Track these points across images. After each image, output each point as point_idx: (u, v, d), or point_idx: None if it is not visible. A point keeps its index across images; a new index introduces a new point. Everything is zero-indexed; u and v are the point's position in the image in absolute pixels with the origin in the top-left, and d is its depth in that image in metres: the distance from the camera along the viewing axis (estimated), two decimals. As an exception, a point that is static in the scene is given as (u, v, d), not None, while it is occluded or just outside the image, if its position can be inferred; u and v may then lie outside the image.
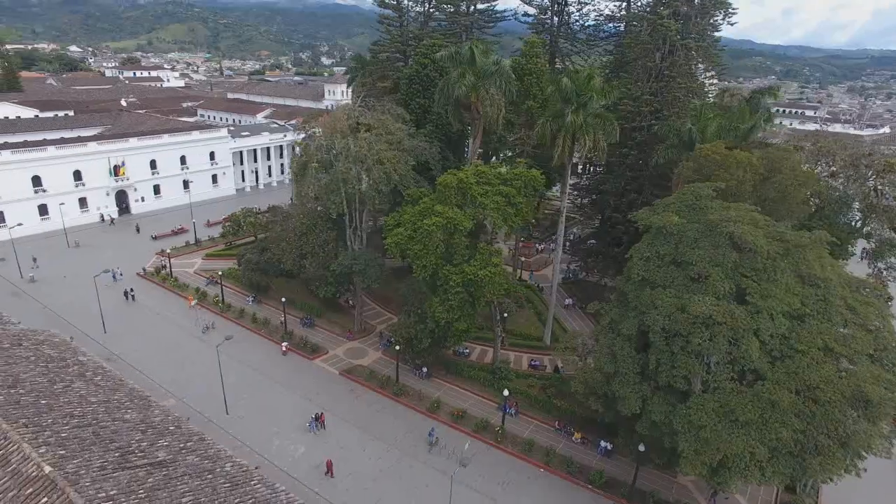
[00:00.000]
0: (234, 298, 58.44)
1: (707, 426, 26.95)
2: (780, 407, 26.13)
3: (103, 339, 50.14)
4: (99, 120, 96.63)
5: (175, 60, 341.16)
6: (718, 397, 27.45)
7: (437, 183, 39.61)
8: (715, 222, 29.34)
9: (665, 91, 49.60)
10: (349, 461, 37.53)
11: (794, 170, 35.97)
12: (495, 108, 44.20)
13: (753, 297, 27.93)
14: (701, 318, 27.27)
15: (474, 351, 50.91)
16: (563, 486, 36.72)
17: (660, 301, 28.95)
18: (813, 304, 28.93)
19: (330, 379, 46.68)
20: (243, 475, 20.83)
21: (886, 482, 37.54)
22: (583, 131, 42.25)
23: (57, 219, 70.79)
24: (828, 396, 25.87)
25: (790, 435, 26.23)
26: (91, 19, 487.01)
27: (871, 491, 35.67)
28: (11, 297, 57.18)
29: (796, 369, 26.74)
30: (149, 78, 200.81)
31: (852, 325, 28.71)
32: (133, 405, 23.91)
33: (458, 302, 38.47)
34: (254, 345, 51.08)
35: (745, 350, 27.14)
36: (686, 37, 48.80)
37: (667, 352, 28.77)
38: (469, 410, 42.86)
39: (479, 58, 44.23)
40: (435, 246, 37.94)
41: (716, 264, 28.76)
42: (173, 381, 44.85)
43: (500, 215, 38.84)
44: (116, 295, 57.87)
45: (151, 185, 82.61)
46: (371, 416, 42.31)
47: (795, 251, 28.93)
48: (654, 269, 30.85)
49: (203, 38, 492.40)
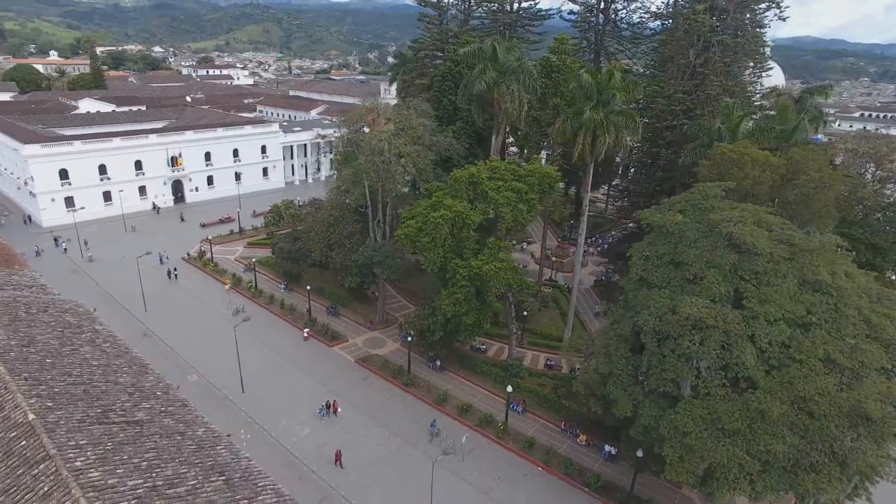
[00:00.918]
0: (267, 285, 61.16)
1: (692, 433, 25.97)
2: (769, 418, 24.82)
3: (143, 316, 53.86)
4: (165, 115, 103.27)
5: (248, 60, 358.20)
6: (707, 404, 26.38)
7: (450, 177, 40.01)
8: (715, 222, 28.17)
9: (699, 89, 47.71)
10: (351, 446, 38.60)
11: (819, 171, 33.78)
12: (516, 105, 44.06)
13: (750, 302, 26.63)
14: (691, 321, 26.29)
15: (492, 348, 50.88)
16: (559, 487, 36.26)
17: (652, 301, 28.14)
18: (822, 313, 27.20)
19: (345, 366, 48.07)
20: (212, 440, 22.13)
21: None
22: (603, 129, 41.42)
23: (119, 204, 76.48)
24: (823, 410, 24.33)
25: (781, 448, 24.85)
26: (176, 22, 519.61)
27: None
28: (72, 274, 62.45)
29: (791, 379, 25.30)
30: (220, 76, 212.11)
31: (863, 338, 26.78)
32: (129, 371, 25.85)
33: (465, 296, 38.75)
34: (279, 330, 53.35)
35: (737, 356, 25.95)
36: (723, 33, 46.70)
37: (658, 354, 27.92)
38: (476, 405, 43.00)
39: (502, 54, 44.22)
40: (443, 239, 38.43)
41: (712, 265, 27.61)
42: (200, 359, 47.55)
43: (511, 211, 38.75)
44: (162, 276, 62.00)
45: (205, 176, 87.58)
46: (379, 404, 43.28)
47: (801, 256, 27.30)
48: (653, 268, 29.98)
49: (276, 38, 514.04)
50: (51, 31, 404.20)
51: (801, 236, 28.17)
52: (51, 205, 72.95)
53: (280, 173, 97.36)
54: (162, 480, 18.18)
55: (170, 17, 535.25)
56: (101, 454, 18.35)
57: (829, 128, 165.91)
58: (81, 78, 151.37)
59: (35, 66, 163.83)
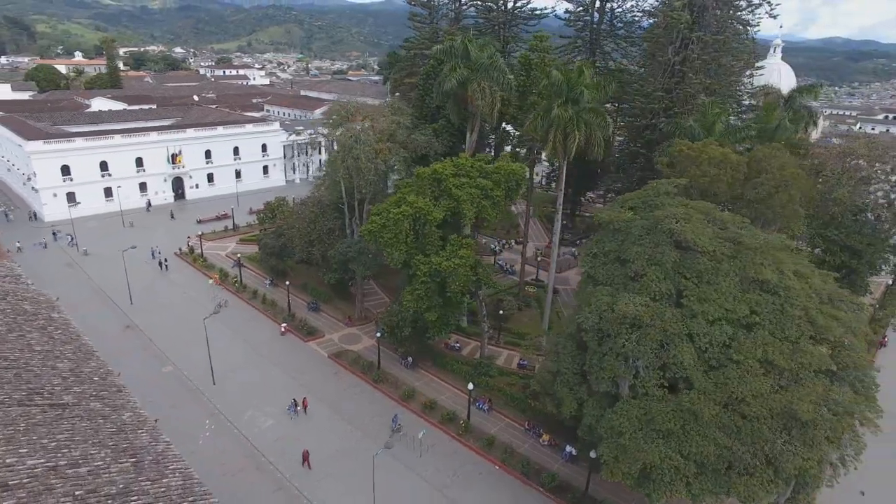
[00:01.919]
0: (253, 281, 62.00)
1: (626, 433, 25.63)
2: (701, 419, 24.38)
3: (128, 309, 55.08)
4: (171, 113, 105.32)
5: (268, 60, 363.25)
6: (644, 404, 26.01)
7: (414, 174, 40.13)
8: (658, 219, 27.76)
9: (678, 87, 47.04)
10: (310, 437, 38.95)
11: (781, 169, 33.02)
12: (487, 102, 43.96)
13: (689, 300, 26.19)
14: (629, 319, 25.98)
15: (468, 346, 50.79)
16: (514, 486, 36.04)
17: (594, 299, 27.86)
18: (767, 313, 26.62)
19: (318, 361, 48.47)
20: (136, 424, 22.58)
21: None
22: (573, 126, 41.14)
23: (122, 200, 78.32)
24: (754, 412, 23.82)
25: (712, 450, 24.39)
26: (201, 23, 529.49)
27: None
28: (66, 267, 64.21)
29: (726, 380, 24.81)
30: (236, 76, 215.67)
31: (807, 339, 26.11)
32: (73, 357, 26.51)
33: (425, 292, 38.79)
34: (259, 324, 54.05)
35: (674, 356, 25.55)
36: (703, 30, 45.96)
37: (598, 353, 27.64)
38: (442, 402, 42.97)
39: (474, 52, 44.18)
40: (405, 235, 38.52)
41: (654, 263, 27.21)
42: (177, 351, 48.38)
43: (474, 207, 38.70)
44: (152, 271, 63.32)
45: (206, 174, 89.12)
46: (346, 399, 43.56)
47: (745, 254, 26.75)
48: (600, 265, 29.68)
49: (298, 39, 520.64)
50: (80, 32, 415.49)
51: (747, 234, 27.60)
52: (52, 200, 75.01)
53: (280, 171, 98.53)
54: (66, 461, 18.63)
55: (194, 18, 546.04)
56: (11, 434, 18.88)
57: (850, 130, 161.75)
58: (99, 78, 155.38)
59: (56, 67, 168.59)
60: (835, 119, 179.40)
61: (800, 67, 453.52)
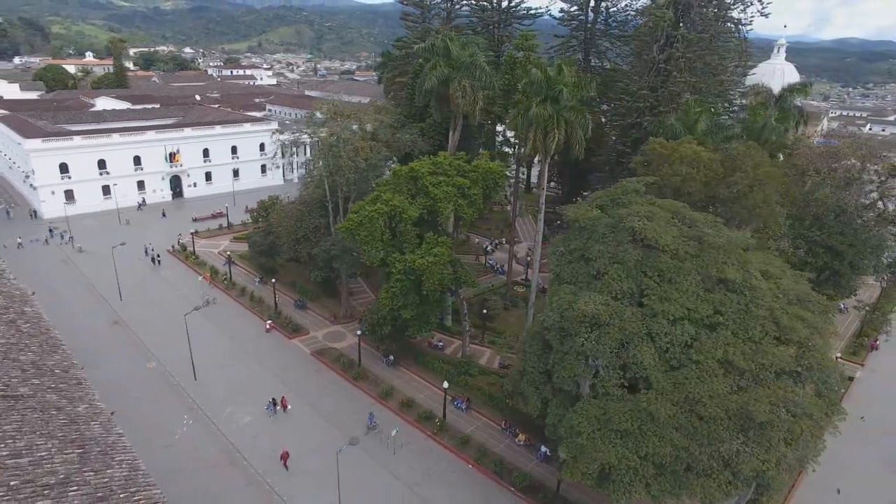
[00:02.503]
0: (243, 278, 62.39)
1: (584, 433, 25.46)
2: (657, 419, 24.15)
3: (117, 304, 55.67)
4: (173, 112, 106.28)
5: (277, 61, 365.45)
6: (603, 404, 25.82)
7: (391, 172, 40.17)
8: (622, 217, 27.54)
9: (663, 86, 46.67)
10: (287, 434, 39.10)
11: (756, 168, 32.62)
12: (468, 100, 43.89)
13: (650, 299, 25.95)
14: (589, 318, 25.78)
15: (451, 345, 50.72)
16: (486, 485, 35.92)
17: (556, 297, 27.71)
18: (731, 313, 26.32)
19: (301, 358, 48.66)
20: (90, 416, 22.80)
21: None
22: (553, 124, 40.95)
23: (119, 198, 79.19)
24: (709, 412, 23.53)
25: (669, 451, 24.15)
26: (212, 24, 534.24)
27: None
28: (61, 263, 65.05)
29: (684, 380, 24.56)
30: (243, 76, 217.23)
31: (771, 340, 25.78)
32: (38, 350, 26.83)
33: (401, 289, 38.80)
34: (246, 321, 54.38)
35: (633, 355, 25.34)
36: (689, 28, 45.57)
37: (560, 351, 27.48)
38: (421, 401, 42.97)
39: (455, 50, 44.14)
40: (380, 233, 38.58)
41: (616, 261, 27.00)
42: (162, 347, 48.76)
43: (450, 206, 38.66)
44: (144, 267, 63.95)
45: (203, 172, 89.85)
46: (325, 396, 43.69)
47: (708, 253, 26.46)
48: (565, 264, 29.51)
49: (308, 39, 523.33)
50: (94, 33, 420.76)
51: (712, 233, 27.30)
52: (51, 197, 75.97)
53: (279, 170, 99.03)
54: (8, 451, 18.85)
55: (206, 19, 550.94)
56: (-45, 425, 19.19)
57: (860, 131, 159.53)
58: (106, 77, 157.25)
59: (64, 67, 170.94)
60: (844, 120, 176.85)
61: (811, 68, 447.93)
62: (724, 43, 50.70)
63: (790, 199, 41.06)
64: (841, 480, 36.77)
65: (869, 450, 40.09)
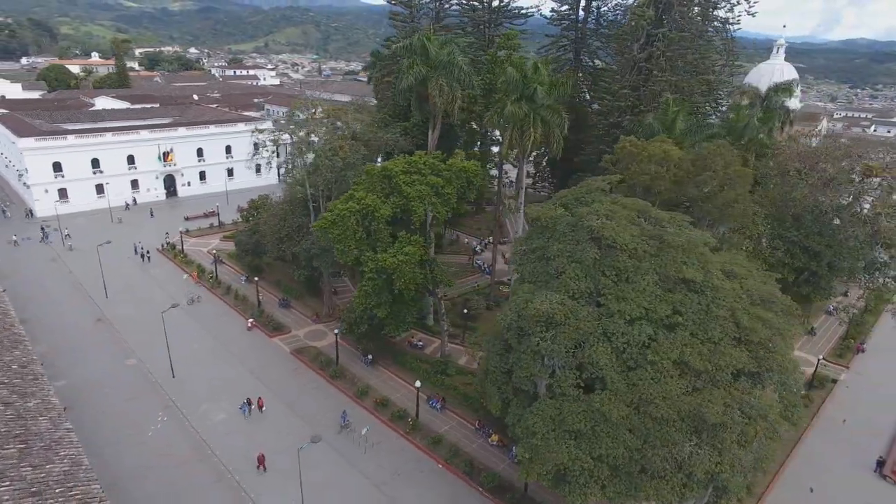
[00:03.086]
0: (230, 277, 62.60)
1: (539, 433, 25.28)
2: (610, 420, 23.91)
3: (103, 302, 55.99)
4: (171, 112, 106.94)
5: (283, 61, 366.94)
6: (558, 404, 25.61)
7: (364, 171, 40.16)
8: (581, 216, 27.33)
9: (644, 85, 46.37)
10: (261, 433, 39.14)
11: (726, 168, 32.28)
12: (445, 99, 43.79)
13: (607, 299, 25.72)
14: (544, 317, 25.60)
15: (431, 345, 50.64)
16: (455, 485, 35.75)
17: (515, 296, 27.55)
18: (691, 314, 26.04)
19: (280, 356, 48.70)
20: (40, 411, 22.90)
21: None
22: (529, 123, 40.83)
23: (111, 197, 79.75)
24: (662, 413, 23.27)
25: (622, 452, 23.92)
26: (219, 24, 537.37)
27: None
28: (50, 261, 65.57)
29: (638, 381, 24.31)
30: (246, 76, 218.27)
31: (730, 340, 25.47)
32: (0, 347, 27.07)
33: (373, 288, 38.76)
34: (229, 319, 54.51)
35: (589, 355, 25.12)
36: (669, 27, 45.25)
37: (518, 351, 27.32)
38: (396, 400, 42.87)
39: (433, 49, 44.04)
40: (353, 231, 38.55)
41: (575, 260, 26.79)
42: (143, 344, 48.87)
43: (422, 205, 38.58)
44: (132, 266, 64.34)
45: (197, 172, 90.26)
46: (302, 395, 43.68)
47: (667, 252, 26.19)
48: (527, 262, 29.35)
49: (314, 40, 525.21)
50: (102, 34, 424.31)
51: (673, 232, 27.02)
52: (44, 196, 76.58)
53: (274, 170, 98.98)
54: (-56, 445, 18.99)
55: (213, 19, 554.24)
56: None
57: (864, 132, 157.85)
58: (108, 77, 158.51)
59: (67, 67, 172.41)
60: (849, 121, 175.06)
61: (819, 69, 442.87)
62: (708, 42, 50.26)
63: (769, 199, 40.73)
64: (818, 482, 36.49)
65: (848, 452, 39.68)
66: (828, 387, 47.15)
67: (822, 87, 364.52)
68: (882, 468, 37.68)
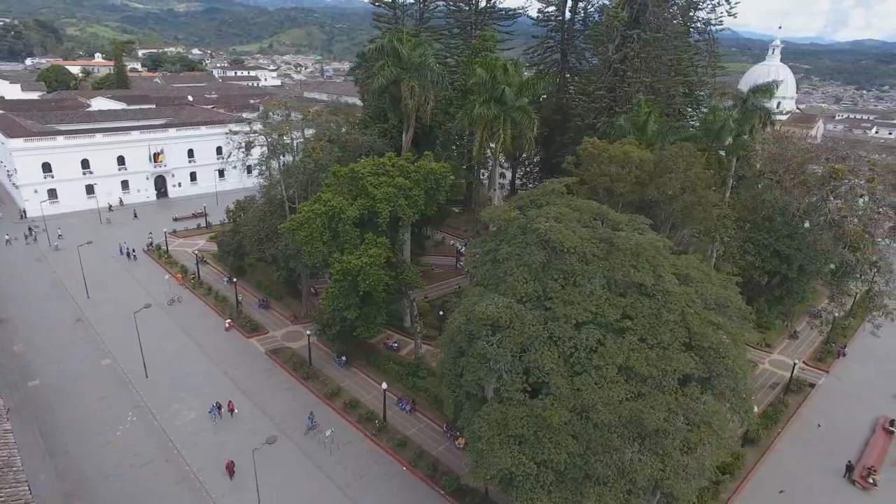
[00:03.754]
0: (212, 278, 62.81)
1: (484, 438, 25.13)
2: (552, 425, 23.74)
3: (84, 302, 56.32)
4: (165, 113, 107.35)
5: (286, 62, 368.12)
6: (504, 408, 25.46)
7: (332, 172, 40.17)
8: (531, 218, 27.18)
9: (619, 87, 46.13)
10: (226, 429, 39.24)
11: (687, 171, 32.01)
12: (416, 101, 43.72)
13: (553, 303, 25.55)
14: (491, 321, 25.45)
15: (409, 346, 50.57)
16: (418, 487, 35.64)
17: (466, 299, 27.43)
18: (641, 318, 25.84)
19: (255, 357, 48.78)
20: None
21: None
22: (499, 124, 40.71)
23: (101, 197, 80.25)
24: (603, 419, 23.07)
25: (563, 458, 23.75)
26: (224, 25, 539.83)
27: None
28: (35, 261, 66.09)
29: (582, 386, 24.13)
30: (247, 77, 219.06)
31: (680, 345, 25.24)
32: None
33: (340, 290, 38.75)
34: (207, 320, 54.68)
35: (534, 359, 24.97)
36: (644, 28, 44.99)
37: (467, 354, 27.18)
38: (367, 402, 42.80)
39: (404, 51, 43.98)
40: (320, 233, 38.56)
41: (523, 263, 26.64)
42: (120, 344, 49.04)
43: (390, 206, 38.54)
44: (118, 265, 64.72)
45: (188, 172, 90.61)
46: (272, 395, 43.72)
47: (615, 255, 25.98)
48: (480, 265, 29.21)
49: (318, 41, 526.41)
50: (108, 34, 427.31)
51: (623, 236, 26.81)
52: (33, 196, 77.11)
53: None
54: None
55: (218, 20, 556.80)
56: None
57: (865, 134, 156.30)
58: (107, 78, 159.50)
59: (67, 68, 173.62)
60: (850, 123, 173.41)
61: (825, 70, 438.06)
62: (686, 43, 49.88)
63: (741, 201, 40.45)
64: (788, 486, 36.22)
65: (820, 456, 39.29)
66: (805, 391, 46.77)
67: (828, 89, 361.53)
68: (851, 473, 37.26)
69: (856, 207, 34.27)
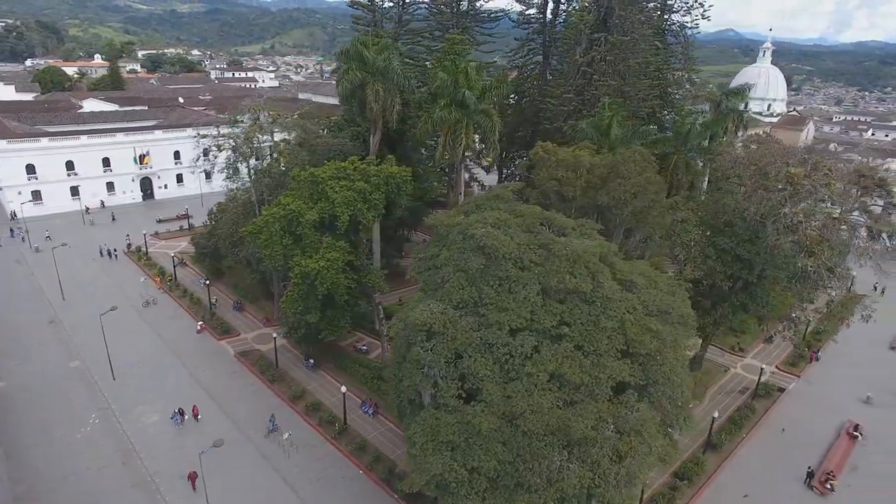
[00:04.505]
0: (190, 280, 63.03)
1: (418, 444, 25.14)
2: (481, 432, 23.70)
3: (58, 304, 56.64)
4: (156, 114, 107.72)
5: (287, 63, 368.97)
6: (438, 415, 25.45)
7: (292, 176, 40.26)
8: (469, 223, 27.15)
9: (586, 90, 46.04)
10: (188, 432, 39.37)
11: (640, 175, 31.88)
12: (380, 105, 43.74)
13: (488, 309, 25.51)
14: (425, 327, 25.44)
15: (378, 348, 50.61)
16: (373, 492, 35.67)
17: (406, 305, 27.43)
18: (579, 325, 25.76)
19: (224, 359, 48.92)
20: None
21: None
22: (462, 127, 40.70)
23: (86, 199, 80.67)
24: (530, 427, 23.02)
25: (494, 465, 23.72)
26: (226, 26, 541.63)
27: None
28: (15, 263, 66.53)
29: (512, 393, 24.09)
30: (244, 79, 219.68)
31: (616, 352, 25.15)
32: None
33: (299, 293, 38.84)
34: (180, 322, 54.88)
35: (469, 366, 24.95)
36: (611, 32, 44.87)
37: (406, 360, 27.19)
38: (331, 404, 42.83)
39: (369, 56, 44.00)
40: (279, 237, 38.66)
41: (460, 269, 26.61)
42: (90, 346, 49.21)
43: (349, 210, 38.59)
44: (97, 267, 65.09)
45: (174, 174, 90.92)
46: (237, 397, 43.85)
47: (552, 261, 25.92)
48: (423, 270, 29.21)
49: (321, 42, 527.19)
50: (110, 35, 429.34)
51: (562, 242, 26.73)
52: (17, 198, 77.54)
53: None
54: None
55: (220, 21, 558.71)
56: None
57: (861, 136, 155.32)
58: (102, 80, 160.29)
59: (63, 69, 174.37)
60: (847, 125, 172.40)
61: (828, 72, 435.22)
62: (656, 47, 49.70)
63: (703, 205, 40.30)
64: (749, 491, 36.14)
65: (782, 462, 39.12)
66: (774, 396, 46.58)
67: (830, 90, 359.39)
68: (811, 479, 37.08)
69: (813, 213, 34.03)
